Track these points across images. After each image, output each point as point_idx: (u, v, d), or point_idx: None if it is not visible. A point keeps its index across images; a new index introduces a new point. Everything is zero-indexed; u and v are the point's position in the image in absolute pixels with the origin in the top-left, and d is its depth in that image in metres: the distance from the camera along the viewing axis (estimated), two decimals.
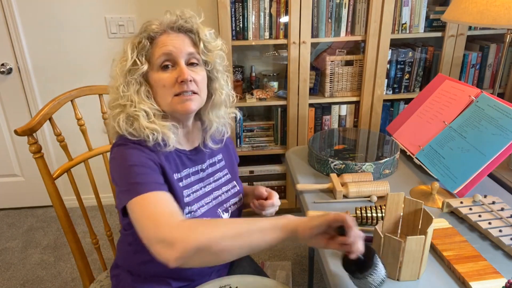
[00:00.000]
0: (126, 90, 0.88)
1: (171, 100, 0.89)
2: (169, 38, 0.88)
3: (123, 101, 0.88)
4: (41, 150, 1.11)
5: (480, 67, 2.16)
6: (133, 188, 0.81)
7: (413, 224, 0.91)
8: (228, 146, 1.12)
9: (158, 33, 0.89)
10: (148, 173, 0.84)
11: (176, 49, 0.87)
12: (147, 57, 0.89)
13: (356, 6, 1.99)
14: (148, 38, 0.88)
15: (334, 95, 2.14)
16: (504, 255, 0.90)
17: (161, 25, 0.89)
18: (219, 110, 1.00)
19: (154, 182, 0.83)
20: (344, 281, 0.84)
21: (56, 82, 2.22)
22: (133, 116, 0.87)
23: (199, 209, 0.96)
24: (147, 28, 0.89)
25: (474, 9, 1.36)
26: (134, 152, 0.86)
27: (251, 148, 2.25)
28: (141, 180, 0.82)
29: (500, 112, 1.11)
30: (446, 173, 1.15)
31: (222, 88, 0.98)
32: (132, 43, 0.88)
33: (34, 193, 2.50)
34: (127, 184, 0.82)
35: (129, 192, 0.81)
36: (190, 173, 0.98)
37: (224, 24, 1.93)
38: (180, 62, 0.88)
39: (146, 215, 0.76)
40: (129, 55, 0.87)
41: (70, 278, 1.95)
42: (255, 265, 1.19)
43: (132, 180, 0.82)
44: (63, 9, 2.08)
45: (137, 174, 0.83)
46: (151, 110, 0.88)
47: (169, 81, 0.88)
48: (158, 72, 0.89)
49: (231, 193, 1.06)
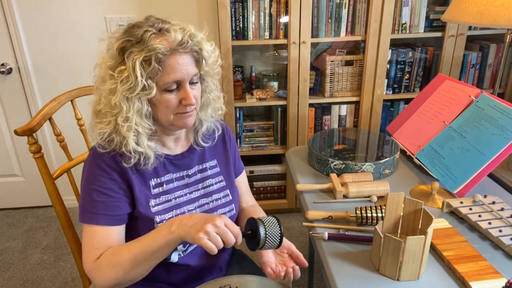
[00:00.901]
0: (128, 111, 0.84)
1: (173, 118, 0.90)
2: (177, 62, 0.84)
3: (121, 119, 0.85)
4: (41, 150, 1.11)
5: (480, 67, 2.16)
6: (85, 213, 0.89)
7: (413, 224, 0.91)
8: (228, 153, 1.09)
9: (166, 55, 0.83)
10: (103, 201, 0.89)
11: (184, 74, 0.86)
12: (155, 80, 0.85)
13: (356, 6, 1.99)
14: (157, 60, 0.82)
15: (334, 95, 2.14)
16: (504, 255, 0.90)
17: (168, 43, 0.83)
18: (208, 109, 1.00)
19: (104, 214, 0.88)
20: (345, 281, 0.84)
21: (56, 82, 2.22)
22: (122, 136, 0.86)
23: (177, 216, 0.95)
24: (153, 47, 0.81)
25: (474, 9, 1.36)
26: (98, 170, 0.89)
27: (251, 148, 2.25)
28: (93, 209, 0.88)
29: (500, 112, 1.11)
30: (446, 173, 1.14)
31: (211, 91, 0.99)
32: (139, 62, 0.81)
33: (34, 193, 2.50)
34: (82, 206, 0.90)
35: (81, 214, 0.90)
36: (173, 178, 0.98)
37: (224, 24, 1.93)
38: (186, 85, 0.88)
39: (83, 245, 0.90)
40: (139, 78, 0.82)
41: (70, 278, 1.95)
42: (255, 265, 1.19)
43: (86, 204, 0.89)
44: (63, 9, 2.08)
45: (93, 200, 0.89)
46: (143, 130, 0.88)
47: (173, 102, 0.88)
48: (162, 93, 0.87)
49: (221, 202, 1.03)
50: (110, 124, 0.87)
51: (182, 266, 0.99)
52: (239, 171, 1.14)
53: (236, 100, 2.12)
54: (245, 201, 1.15)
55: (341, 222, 1.04)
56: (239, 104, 2.13)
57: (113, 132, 0.87)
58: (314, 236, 0.99)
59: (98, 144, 0.90)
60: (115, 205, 0.89)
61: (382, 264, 0.84)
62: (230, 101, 2.07)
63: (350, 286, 0.83)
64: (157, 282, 1.01)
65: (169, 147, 0.99)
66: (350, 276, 0.85)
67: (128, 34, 0.85)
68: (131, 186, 0.91)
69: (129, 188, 0.91)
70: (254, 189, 2.32)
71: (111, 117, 0.86)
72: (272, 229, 0.81)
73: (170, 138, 0.98)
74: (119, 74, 0.83)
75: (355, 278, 0.85)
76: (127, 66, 0.82)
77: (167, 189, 0.96)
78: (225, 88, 2.04)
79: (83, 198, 0.90)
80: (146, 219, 0.92)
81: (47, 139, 2.34)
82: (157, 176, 0.95)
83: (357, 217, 1.01)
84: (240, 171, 1.15)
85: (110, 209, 0.88)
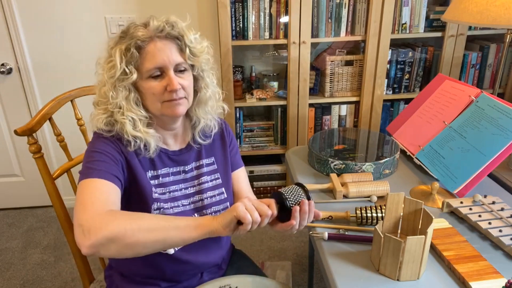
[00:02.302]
0: (115, 97, 0.89)
1: (161, 106, 0.92)
2: (157, 48, 0.88)
3: (111, 107, 0.90)
4: (41, 150, 1.11)
5: (480, 67, 2.16)
6: (86, 171, 0.86)
7: (413, 224, 0.91)
8: (226, 150, 1.09)
9: (145, 41, 0.88)
10: (105, 161, 0.87)
11: (165, 60, 0.88)
12: (135, 65, 0.89)
13: (356, 6, 1.99)
14: (136, 46, 0.87)
15: (334, 95, 2.15)
16: (504, 255, 0.90)
17: (148, 31, 0.88)
18: (206, 106, 1.01)
19: (106, 171, 0.86)
20: (344, 281, 0.84)
21: (56, 82, 2.22)
22: (120, 122, 0.90)
23: (172, 208, 0.97)
24: (133, 35, 0.87)
25: (474, 9, 1.36)
26: (102, 140, 0.91)
27: (251, 148, 2.25)
28: (94, 166, 0.86)
29: (500, 112, 1.11)
30: (446, 173, 1.14)
31: (208, 86, 1.00)
32: (119, 50, 0.87)
33: (34, 193, 2.50)
34: (83, 166, 0.88)
35: (82, 175, 0.86)
36: (170, 172, 1.00)
37: (224, 24, 1.93)
38: (169, 72, 0.90)
39: (82, 198, 0.80)
40: (118, 63, 0.87)
41: (70, 278, 1.95)
42: (254, 265, 1.19)
43: (88, 164, 0.87)
44: (63, 9, 2.08)
45: (94, 160, 0.87)
46: (138, 117, 0.91)
47: (158, 89, 0.90)
48: (147, 81, 0.90)
49: (215, 199, 1.04)
50: (107, 113, 0.91)
51: (177, 261, 0.99)
52: (236, 166, 1.13)
53: (236, 100, 2.12)
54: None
55: (341, 222, 1.04)
56: (239, 104, 2.13)
57: (111, 118, 0.91)
58: (314, 236, 0.99)
59: (99, 129, 0.92)
60: (115, 169, 0.89)
61: (382, 264, 0.84)
62: (230, 101, 2.07)
63: (350, 286, 0.83)
64: (154, 278, 1.02)
65: (168, 143, 1.00)
66: (350, 276, 0.85)
67: (122, 32, 0.91)
68: (131, 167, 0.92)
69: (130, 168, 0.92)
70: (254, 189, 2.31)
71: (105, 106, 0.91)
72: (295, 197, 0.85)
73: (169, 134, 1.00)
74: (106, 65, 0.90)
75: (355, 278, 0.85)
76: (112, 56, 0.88)
77: (162, 182, 0.98)
78: (225, 88, 2.04)
79: (85, 161, 0.89)
80: (145, 202, 0.93)
81: (47, 139, 2.34)
82: (154, 168, 0.97)
83: (357, 217, 1.01)
84: (238, 166, 1.14)
85: (111, 169, 0.87)
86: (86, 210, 0.77)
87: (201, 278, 1.06)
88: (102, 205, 0.79)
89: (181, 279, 1.03)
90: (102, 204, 0.79)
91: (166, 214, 0.95)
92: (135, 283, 1.02)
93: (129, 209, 0.90)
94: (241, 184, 1.13)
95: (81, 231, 0.74)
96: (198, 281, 1.05)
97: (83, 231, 0.73)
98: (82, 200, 0.80)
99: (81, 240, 0.73)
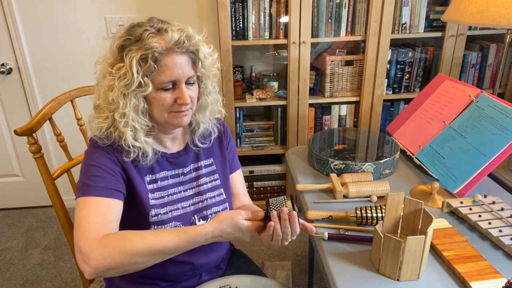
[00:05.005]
0: (124, 107, 0.87)
1: (168, 115, 0.91)
2: (174, 62, 0.86)
3: (118, 115, 0.87)
4: (41, 150, 1.11)
5: (480, 67, 2.16)
6: (83, 187, 0.86)
7: (413, 224, 0.91)
8: (225, 152, 1.10)
9: (162, 54, 0.85)
10: (102, 175, 0.87)
11: (180, 75, 0.88)
12: (150, 77, 0.87)
13: (356, 6, 1.99)
14: (153, 59, 0.84)
15: (334, 95, 2.14)
16: (504, 255, 0.90)
17: (165, 42, 0.85)
18: (206, 111, 1.01)
19: (103, 187, 0.86)
20: (344, 281, 0.84)
21: (56, 82, 2.22)
22: (120, 131, 0.89)
23: (171, 212, 0.97)
24: (150, 45, 0.83)
25: (474, 9, 1.36)
26: (99, 152, 0.90)
27: (251, 148, 2.25)
28: (91, 182, 0.85)
29: (500, 112, 1.10)
30: (446, 173, 1.14)
31: (209, 94, 1.00)
32: (135, 60, 0.84)
33: (34, 193, 2.50)
34: (81, 182, 0.87)
35: (79, 190, 0.86)
36: (168, 175, 0.99)
37: (224, 24, 1.93)
38: (181, 86, 0.89)
39: (78, 221, 0.82)
40: (135, 74, 0.84)
41: (70, 278, 1.95)
42: (254, 265, 1.19)
43: (85, 180, 0.86)
44: (63, 9, 2.08)
45: (91, 175, 0.87)
46: (140, 126, 0.90)
47: (169, 101, 0.89)
48: (158, 92, 0.89)
49: (215, 200, 1.04)
50: (108, 120, 0.89)
51: (177, 261, 0.99)
52: (234, 168, 1.14)
53: (236, 100, 2.12)
54: (242, 201, 1.16)
55: (341, 222, 1.04)
56: (239, 104, 2.13)
57: (111, 127, 0.90)
58: (314, 236, 0.99)
59: (97, 137, 0.91)
60: (114, 182, 0.88)
61: (382, 264, 0.84)
62: (230, 101, 2.07)
63: (350, 286, 0.83)
64: (153, 279, 1.02)
65: (166, 146, 1.00)
66: (350, 276, 0.85)
67: (128, 33, 0.87)
68: (129, 176, 0.92)
69: (127, 177, 0.92)
70: (254, 189, 2.32)
71: (108, 113, 0.89)
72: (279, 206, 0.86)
73: (167, 137, 1.00)
74: (117, 71, 0.86)
75: (355, 278, 0.85)
76: (125, 63, 0.85)
77: (161, 185, 0.98)
78: (225, 88, 2.04)
79: (82, 176, 0.88)
80: (143, 210, 0.93)
81: (47, 139, 2.34)
82: (152, 173, 0.97)
83: (357, 217, 1.01)
84: (235, 168, 1.14)
85: (109, 184, 0.87)
86: (83, 236, 0.79)
87: (200, 278, 1.06)
88: (98, 229, 0.80)
89: (181, 279, 1.04)
90: (98, 228, 0.80)
91: (164, 220, 0.95)
92: (135, 283, 1.03)
93: (128, 218, 0.92)
94: (238, 187, 1.14)
95: (81, 258, 0.78)
96: (198, 281, 1.05)
97: (83, 258, 0.77)
98: (79, 223, 0.81)
99: (83, 267, 0.77)
